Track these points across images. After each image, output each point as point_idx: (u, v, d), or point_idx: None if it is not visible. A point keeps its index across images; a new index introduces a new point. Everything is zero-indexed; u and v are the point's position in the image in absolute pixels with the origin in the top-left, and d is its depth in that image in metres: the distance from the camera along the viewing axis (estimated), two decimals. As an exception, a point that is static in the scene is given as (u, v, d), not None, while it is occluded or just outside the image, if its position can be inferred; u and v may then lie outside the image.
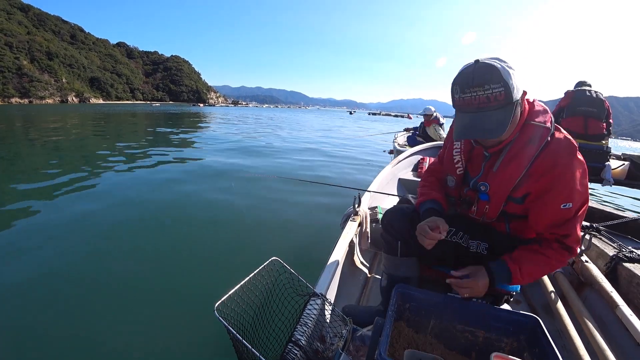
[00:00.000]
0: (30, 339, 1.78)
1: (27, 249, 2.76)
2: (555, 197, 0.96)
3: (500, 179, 1.04)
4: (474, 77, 0.88)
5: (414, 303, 1.12)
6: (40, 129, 13.96)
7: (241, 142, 10.72)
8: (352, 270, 1.83)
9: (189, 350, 1.74)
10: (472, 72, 0.89)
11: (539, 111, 1.00)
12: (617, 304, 1.32)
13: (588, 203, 1.00)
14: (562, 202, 0.95)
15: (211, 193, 4.51)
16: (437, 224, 1.05)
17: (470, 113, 0.93)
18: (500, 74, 0.86)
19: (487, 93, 0.88)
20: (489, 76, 0.87)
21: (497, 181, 1.05)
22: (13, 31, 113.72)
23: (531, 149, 0.96)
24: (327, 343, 1.05)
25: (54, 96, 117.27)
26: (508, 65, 0.89)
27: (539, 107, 1.01)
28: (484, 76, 0.87)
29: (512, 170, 1.00)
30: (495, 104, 0.89)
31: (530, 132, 0.98)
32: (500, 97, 0.87)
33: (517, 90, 0.90)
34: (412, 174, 3.43)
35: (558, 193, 0.95)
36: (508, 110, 0.90)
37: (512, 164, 1.00)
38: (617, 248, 1.74)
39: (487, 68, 0.87)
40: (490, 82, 0.87)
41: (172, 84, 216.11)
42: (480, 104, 0.90)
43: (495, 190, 1.06)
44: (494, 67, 0.87)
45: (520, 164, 0.98)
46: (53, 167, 6.13)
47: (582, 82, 4.47)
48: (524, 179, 0.99)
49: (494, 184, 1.06)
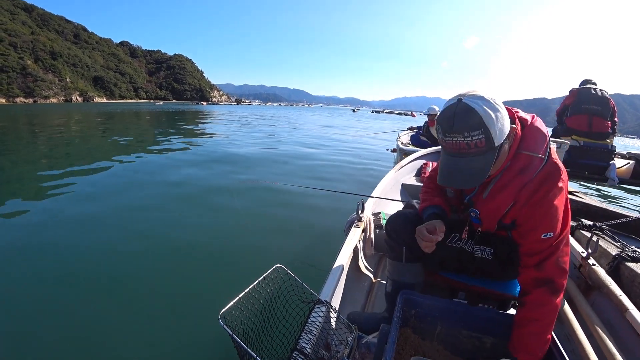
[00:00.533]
0: (34, 341, 1.79)
1: (26, 250, 2.78)
2: (535, 228, 0.94)
3: (489, 207, 1.03)
4: (454, 122, 0.85)
5: (419, 309, 1.11)
6: (45, 126, 14.05)
7: (246, 147, 10.71)
8: (357, 276, 1.83)
9: (193, 358, 1.74)
10: (452, 117, 0.85)
11: (535, 138, 0.96)
12: (626, 308, 1.30)
13: (569, 227, 0.98)
14: (542, 232, 0.93)
15: (215, 199, 4.51)
16: (435, 227, 1.05)
17: (453, 157, 0.92)
18: (482, 119, 0.83)
19: (467, 140, 0.85)
20: (470, 122, 0.84)
21: (487, 209, 1.04)
22: (17, 31, 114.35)
23: (522, 180, 0.94)
24: (333, 351, 1.04)
25: (58, 95, 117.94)
26: (492, 107, 0.85)
27: (535, 133, 0.96)
28: (464, 122, 0.84)
29: (501, 200, 0.99)
30: (475, 151, 0.87)
31: (522, 162, 0.95)
32: (481, 145, 0.85)
33: (501, 133, 0.87)
34: (415, 179, 3.42)
35: (538, 223, 0.94)
36: (489, 157, 0.88)
37: (501, 194, 0.98)
38: (620, 247, 1.73)
39: (467, 112, 0.84)
40: (470, 129, 0.84)
41: (176, 83, 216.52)
42: (461, 150, 0.88)
43: (485, 217, 1.06)
44: (475, 112, 0.83)
45: (509, 193, 0.97)
46: (47, 168, 6.16)
47: (587, 80, 4.43)
48: (512, 207, 0.98)
49: (483, 212, 1.05)
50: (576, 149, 4.26)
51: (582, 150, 4.26)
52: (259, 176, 5.99)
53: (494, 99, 0.87)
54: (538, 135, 0.96)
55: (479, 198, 1.06)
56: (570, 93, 4.43)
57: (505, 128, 0.88)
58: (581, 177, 4.44)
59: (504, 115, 0.88)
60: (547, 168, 0.93)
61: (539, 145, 0.94)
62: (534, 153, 0.94)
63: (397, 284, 1.25)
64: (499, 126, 0.86)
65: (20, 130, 13.27)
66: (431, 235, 1.04)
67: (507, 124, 0.90)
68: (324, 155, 8.62)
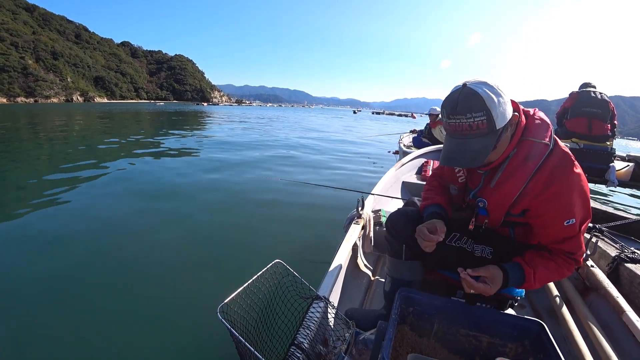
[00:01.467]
0: (33, 340, 1.79)
1: (24, 251, 2.78)
2: (558, 216, 0.95)
3: (498, 196, 1.03)
4: (458, 103, 0.88)
5: (417, 307, 1.12)
6: (48, 127, 14.06)
7: (245, 143, 10.73)
8: (356, 273, 1.83)
9: (191, 352, 1.74)
10: (456, 99, 0.88)
11: (539, 126, 0.98)
12: (623, 310, 1.30)
13: (590, 214, 0.99)
14: (564, 219, 0.94)
15: (215, 195, 4.52)
16: (435, 227, 1.05)
17: (455, 138, 0.94)
18: (484, 102, 0.86)
19: (469, 121, 0.88)
20: (472, 104, 0.87)
21: (495, 198, 1.04)
22: (19, 31, 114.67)
23: (529, 167, 0.96)
24: (330, 346, 1.05)
25: (59, 95, 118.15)
26: (495, 92, 0.88)
27: (538, 122, 0.99)
28: (467, 104, 0.87)
29: (509, 188, 1.00)
30: (477, 132, 0.89)
31: (527, 149, 0.96)
32: (483, 126, 0.88)
33: (503, 117, 0.89)
34: (415, 177, 3.42)
35: (559, 211, 0.95)
36: (490, 139, 0.90)
37: (509, 182, 0.99)
38: (620, 249, 1.73)
39: (471, 95, 0.87)
40: (472, 111, 0.87)
41: (176, 83, 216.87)
42: (464, 131, 0.90)
43: (493, 207, 1.06)
44: (478, 95, 0.86)
45: (517, 181, 0.98)
46: (43, 170, 6.16)
47: (587, 83, 4.44)
48: (522, 196, 0.99)
49: (491, 201, 1.06)
50: (576, 151, 4.28)
51: (581, 153, 4.27)
52: (259, 172, 6.00)
53: (498, 85, 0.90)
54: (541, 123, 0.98)
55: (487, 188, 1.06)
56: (570, 96, 4.44)
57: (507, 113, 0.91)
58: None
59: (507, 101, 0.91)
60: (557, 157, 0.94)
61: (543, 132, 0.97)
62: (539, 140, 0.96)
63: (396, 281, 1.25)
64: (501, 110, 0.88)
65: (21, 131, 13.26)
66: (432, 235, 1.04)
67: (510, 110, 0.92)
68: (324, 154, 8.63)
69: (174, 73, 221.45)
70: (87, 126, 15.79)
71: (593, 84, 4.39)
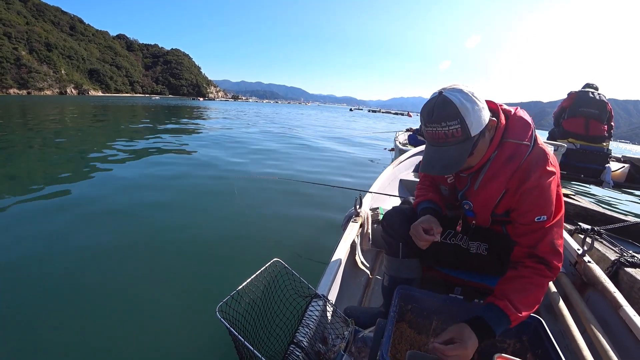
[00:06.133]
0: (31, 339, 1.77)
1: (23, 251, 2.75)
2: (529, 211, 0.96)
3: (481, 198, 1.04)
4: (433, 112, 0.89)
5: (415, 304, 1.12)
6: (39, 121, 13.87)
7: (244, 140, 10.68)
8: (354, 271, 1.83)
9: (190, 351, 1.73)
10: (432, 107, 0.89)
11: (519, 126, 0.98)
12: (620, 305, 1.31)
13: (563, 211, 0.99)
14: (535, 215, 0.95)
15: (213, 193, 4.48)
16: (430, 225, 1.06)
17: (433, 146, 0.95)
18: (458, 110, 0.86)
19: (444, 130, 0.89)
20: (446, 113, 0.87)
21: (479, 200, 1.05)
22: (12, 21, 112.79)
23: (510, 168, 0.96)
24: (329, 344, 1.05)
25: (53, 88, 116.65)
26: (470, 99, 0.88)
27: (519, 122, 0.99)
28: (441, 112, 0.88)
29: (491, 190, 1.01)
30: (453, 140, 0.90)
31: (508, 151, 0.97)
32: (457, 134, 0.88)
33: (478, 124, 0.90)
34: (413, 174, 3.42)
35: (531, 207, 0.95)
36: (465, 146, 0.91)
37: (491, 184, 1.00)
38: (619, 252, 1.73)
39: (445, 104, 0.87)
40: (446, 119, 0.87)
41: (172, 78, 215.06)
42: (439, 139, 0.91)
43: (478, 209, 1.08)
44: (452, 104, 0.87)
45: (499, 182, 0.99)
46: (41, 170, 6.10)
47: (589, 84, 4.47)
48: (504, 197, 1.00)
49: (476, 203, 1.07)
50: (572, 151, 4.31)
51: (578, 153, 4.30)
52: (256, 170, 5.98)
53: (473, 92, 0.90)
54: (521, 123, 0.99)
55: (471, 190, 1.07)
56: (568, 96, 4.46)
57: (482, 119, 0.91)
58: (577, 179, 4.49)
59: (482, 108, 0.91)
60: (534, 154, 0.95)
61: (524, 133, 0.97)
62: (520, 141, 0.96)
63: (394, 279, 1.25)
64: (476, 117, 0.89)
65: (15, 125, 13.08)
66: (427, 236, 1.04)
67: (486, 116, 0.92)
68: (323, 152, 8.62)
69: (170, 67, 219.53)
70: (81, 119, 15.60)
71: (595, 85, 4.42)
